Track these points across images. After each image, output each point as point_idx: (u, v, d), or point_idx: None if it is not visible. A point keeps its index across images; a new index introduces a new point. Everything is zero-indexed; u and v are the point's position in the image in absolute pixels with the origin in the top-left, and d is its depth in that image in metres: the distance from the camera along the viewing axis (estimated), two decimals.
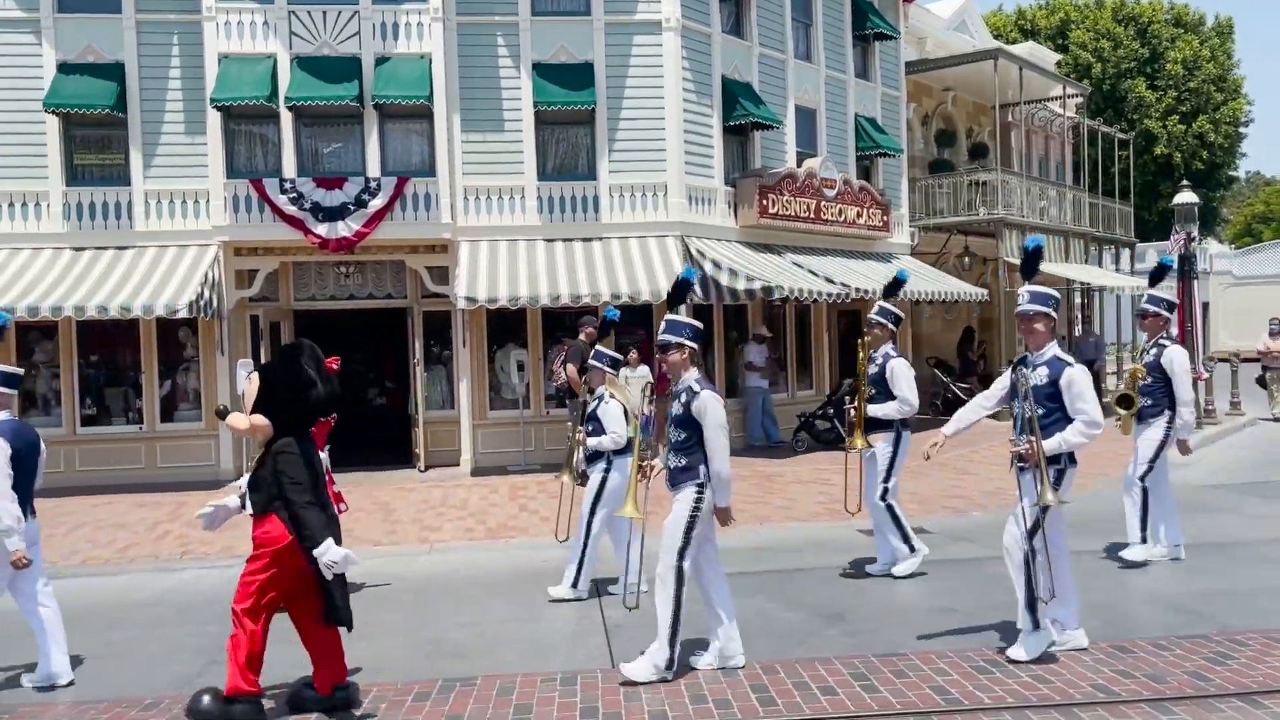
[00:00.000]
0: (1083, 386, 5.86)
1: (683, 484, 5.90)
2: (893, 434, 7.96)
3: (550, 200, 14.84)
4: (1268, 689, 5.25)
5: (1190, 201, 18.02)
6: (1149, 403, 8.02)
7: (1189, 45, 37.37)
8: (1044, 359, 6.00)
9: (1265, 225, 56.04)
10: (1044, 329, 6.03)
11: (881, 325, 7.99)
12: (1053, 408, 5.91)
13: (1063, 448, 5.85)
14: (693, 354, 6.09)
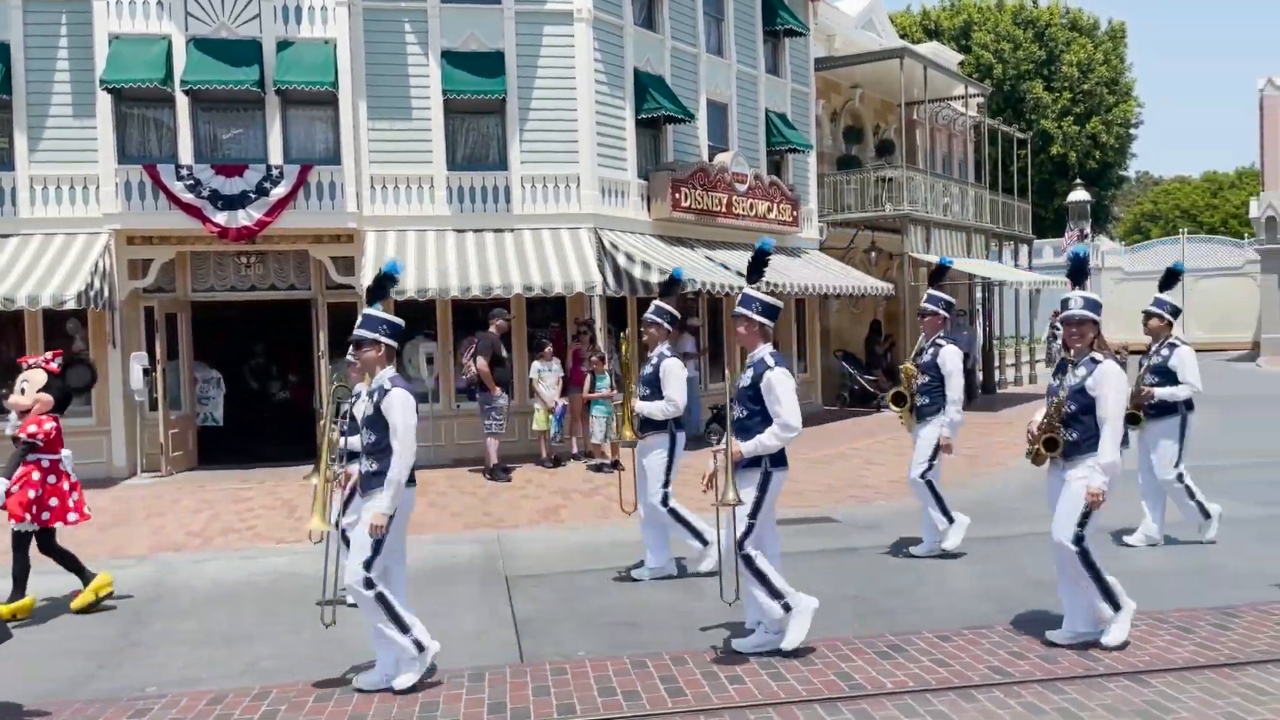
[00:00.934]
0: (781, 390, 5.77)
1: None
2: (666, 435, 7.66)
3: (460, 190, 14.63)
4: (1153, 668, 5.46)
5: (1083, 199, 18.74)
6: (926, 401, 8.13)
7: (1084, 49, 38.74)
8: (752, 361, 5.96)
9: (1153, 223, 58.53)
10: (747, 331, 5.99)
11: (658, 325, 7.74)
12: (754, 409, 5.86)
13: (759, 450, 5.80)
14: None
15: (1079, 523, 5.77)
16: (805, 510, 10.50)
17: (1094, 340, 5.83)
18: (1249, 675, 5.32)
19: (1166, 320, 8.37)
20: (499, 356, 12.84)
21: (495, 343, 12.81)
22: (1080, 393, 5.78)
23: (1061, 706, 5.01)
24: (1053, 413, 5.86)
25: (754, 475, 5.88)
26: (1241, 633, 6.02)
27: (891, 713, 5.02)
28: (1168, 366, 8.22)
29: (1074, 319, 5.83)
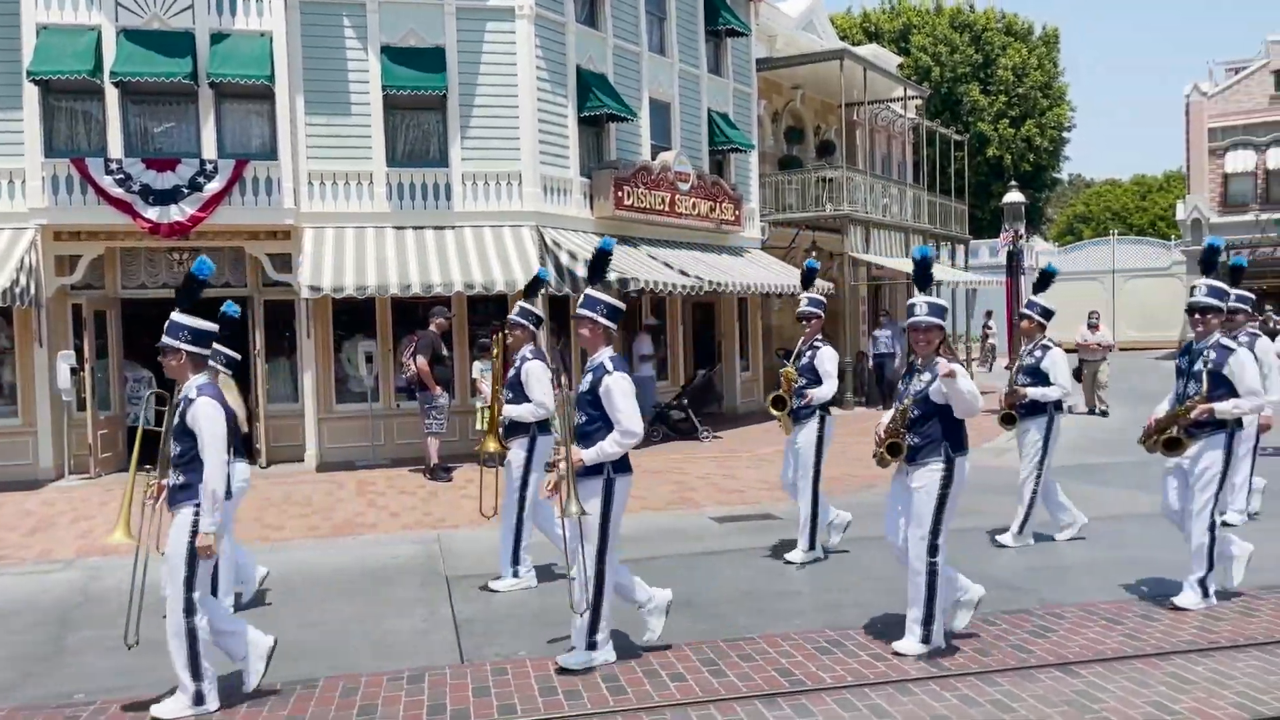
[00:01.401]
0: (620, 395, 5.55)
1: None
2: (527, 439, 7.46)
3: (400, 187, 14.47)
4: (1083, 659, 5.59)
5: (1018, 201, 19.08)
6: (801, 404, 8.06)
7: (1018, 53, 39.52)
8: (592, 365, 5.75)
9: (1085, 224, 59.94)
10: (591, 334, 5.79)
11: (522, 327, 7.64)
12: (594, 415, 5.63)
13: (601, 458, 5.54)
14: None
15: (932, 530, 5.70)
16: (746, 508, 10.57)
17: (940, 345, 5.74)
18: (1173, 664, 5.47)
19: (1038, 322, 8.46)
20: (439, 355, 12.72)
21: (435, 341, 12.69)
22: (925, 398, 5.70)
23: (995, 698, 5.10)
24: (897, 417, 5.79)
25: (596, 484, 5.62)
26: (1167, 623, 6.18)
27: (830, 707, 5.07)
28: (1040, 368, 8.29)
29: (920, 325, 5.71)
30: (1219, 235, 35.58)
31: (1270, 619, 6.18)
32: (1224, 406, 6.29)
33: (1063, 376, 8.25)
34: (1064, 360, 8.35)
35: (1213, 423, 6.34)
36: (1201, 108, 35.35)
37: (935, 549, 5.70)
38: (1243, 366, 6.27)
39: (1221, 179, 35.15)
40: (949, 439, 5.71)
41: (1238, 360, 6.29)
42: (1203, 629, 6.04)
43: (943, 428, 5.70)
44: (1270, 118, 34.33)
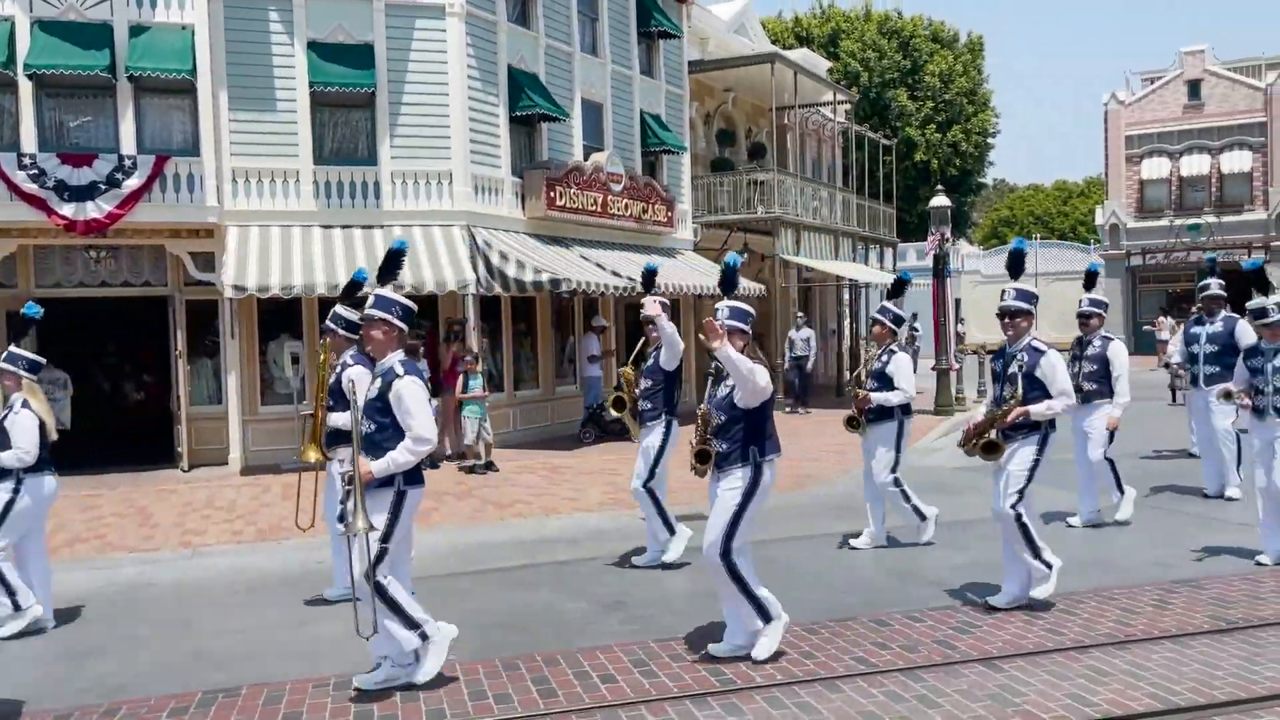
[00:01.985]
0: (411, 400, 5.24)
1: None
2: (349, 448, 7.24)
3: (328, 185, 14.23)
4: (1006, 653, 5.71)
5: (944, 205, 19.43)
6: (649, 407, 8.00)
7: (945, 60, 40.29)
8: (381, 370, 5.43)
9: (1009, 228, 61.40)
10: (384, 337, 5.44)
11: (332, 332, 7.28)
12: (384, 422, 5.30)
13: (391, 468, 5.24)
14: None
15: (726, 534, 5.65)
16: (680, 508, 10.57)
17: (744, 348, 5.64)
18: (1092, 657, 5.61)
19: (888, 328, 8.46)
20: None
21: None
22: (729, 404, 5.66)
23: (920, 694, 5.18)
24: (700, 425, 5.71)
25: (386, 496, 5.31)
26: (1086, 617, 6.34)
27: (760, 706, 5.10)
28: (885, 372, 8.32)
29: (730, 329, 5.64)
30: (1135, 239, 36.87)
31: (1183, 612, 6.38)
32: (1038, 409, 6.36)
33: (906, 381, 8.27)
34: (908, 365, 8.42)
35: (1028, 425, 6.43)
36: (1119, 116, 36.48)
37: (729, 551, 5.68)
38: (1054, 368, 6.36)
39: (1138, 185, 36.32)
40: (755, 443, 5.66)
41: (1049, 362, 6.38)
42: (1119, 623, 6.20)
43: (747, 432, 5.64)
44: (1183, 126, 35.57)
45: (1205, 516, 9.35)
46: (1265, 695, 4.97)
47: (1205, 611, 6.36)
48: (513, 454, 14.05)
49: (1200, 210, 35.15)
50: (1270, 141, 34.20)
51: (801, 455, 13.87)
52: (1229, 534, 8.53)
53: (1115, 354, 9.00)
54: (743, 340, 5.72)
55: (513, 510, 10.56)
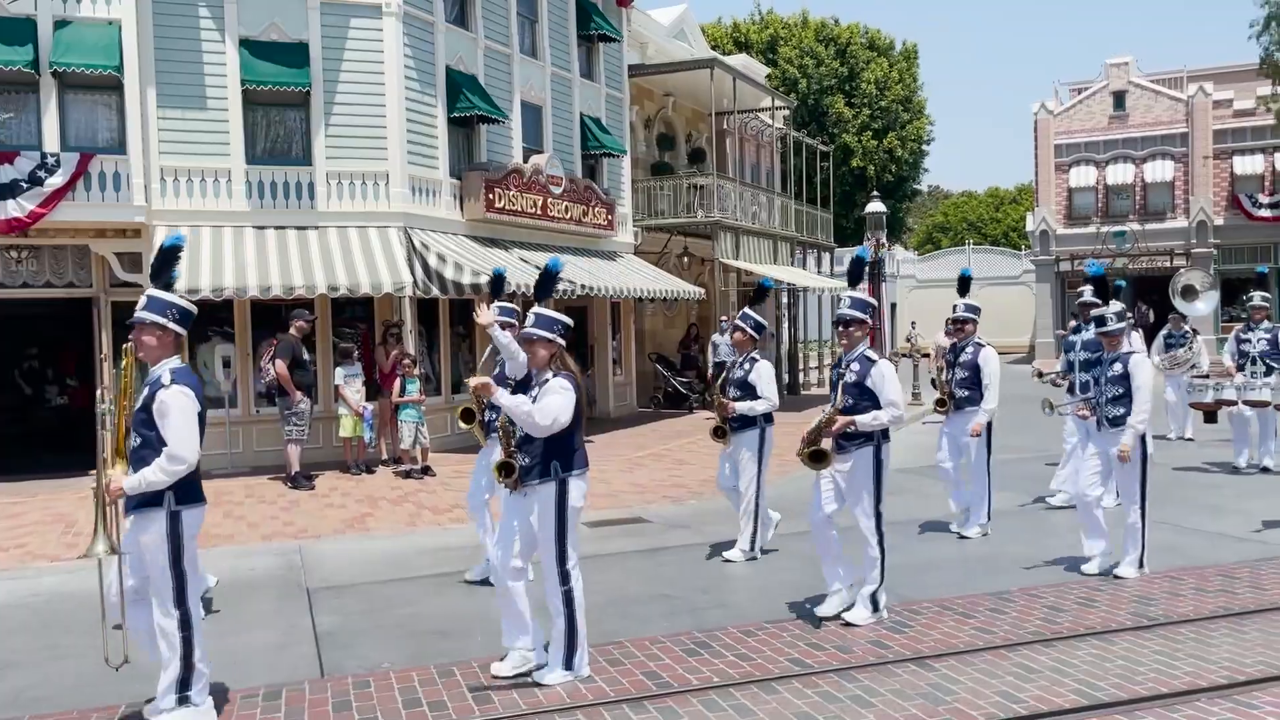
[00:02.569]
0: (175, 413, 4.88)
1: None
2: None
3: (260, 185, 13.97)
4: (938, 652, 5.80)
5: (879, 211, 19.75)
6: (494, 416, 7.45)
7: (880, 67, 40.92)
8: (150, 379, 5.04)
9: (944, 234, 62.59)
10: (158, 343, 5.09)
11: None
12: (149, 436, 4.92)
13: (142, 487, 4.86)
14: None
15: (560, 557, 5.52)
16: (618, 511, 10.58)
17: (552, 358, 5.56)
18: (1021, 655, 5.72)
19: (749, 335, 8.29)
20: (300, 360, 12.31)
21: (296, 345, 12.27)
22: None
23: (855, 694, 5.23)
24: (503, 438, 5.63)
25: (158, 518, 4.90)
26: (1015, 615, 6.47)
27: (696, 709, 5.11)
28: (748, 380, 8.17)
29: (530, 337, 5.55)
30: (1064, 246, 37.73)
31: (1107, 610, 6.54)
32: (865, 419, 6.25)
33: (769, 389, 8.12)
34: (770, 372, 8.23)
35: (859, 435, 6.33)
36: (1048, 125, 37.34)
37: (567, 575, 5.53)
38: (883, 378, 6.28)
39: (1066, 193, 37.19)
40: (558, 458, 5.44)
41: (879, 372, 6.29)
42: (1047, 621, 6.34)
43: (547, 447, 5.41)
44: (1109, 136, 36.51)
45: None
46: (1183, 690, 5.11)
47: (1128, 609, 6.53)
48: (451, 458, 13.92)
49: (1125, 218, 36.12)
50: (1191, 152, 35.28)
51: None
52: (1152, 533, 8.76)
53: (986, 360, 8.89)
54: (549, 350, 5.54)
55: (450, 515, 10.46)
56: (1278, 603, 6.53)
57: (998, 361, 9.01)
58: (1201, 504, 9.89)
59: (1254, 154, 34.57)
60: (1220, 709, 4.90)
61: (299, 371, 12.23)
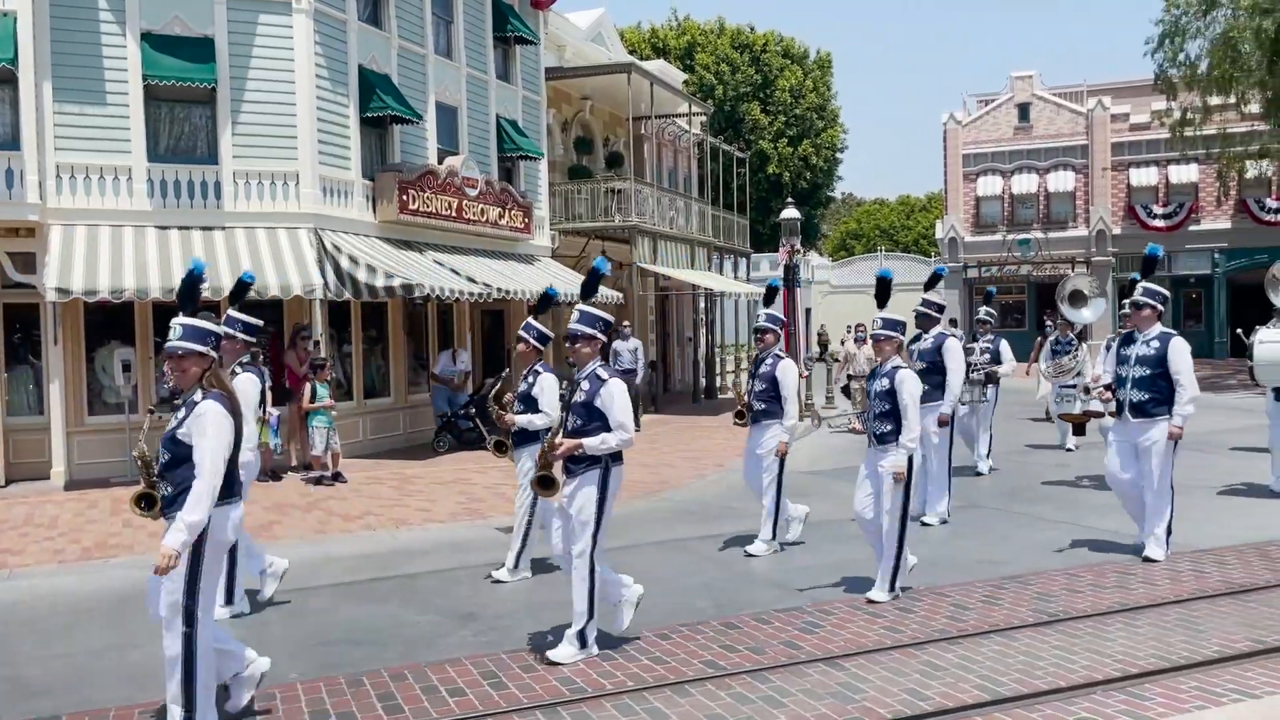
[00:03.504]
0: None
1: None
2: None
3: (164, 184, 13.54)
4: (848, 652, 5.89)
5: (794, 217, 20.03)
6: None
7: (795, 75, 41.52)
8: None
9: (857, 241, 63.84)
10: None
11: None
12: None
13: None
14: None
15: None
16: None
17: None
18: (927, 653, 5.85)
19: (533, 346, 7.77)
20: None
21: None
22: None
23: (767, 694, 5.29)
24: None
25: None
26: (922, 614, 6.61)
27: (610, 713, 5.11)
28: (531, 394, 7.74)
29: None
30: (972, 253, 38.78)
31: (1010, 607, 6.73)
32: (592, 442, 5.80)
33: (551, 404, 7.57)
34: (554, 387, 7.66)
35: (587, 458, 5.89)
36: (957, 135, 38.38)
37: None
38: (612, 398, 5.82)
39: (974, 201, 38.28)
40: None
41: (609, 391, 5.83)
42: (952, 619, 6.49)
43: None
44: (1014, 146, 37.71)
45: (1030, 515, 9.89)
46: (1080, 684, 5.29)
47: (1030, 606, 6.73)
48: (362, 464, 13.67)
49: (1030, 226, 37.32)
50: (1091, 163, 36.64)
51: (657, 462, 14.00)
52: (1053, 532, 9.05)
53: (784, 373, 8.47)
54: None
55: (362, 522, 10.27)
56: (1169, 597, 6.80)
57: (795, 373, 8.64)
58: (1095, 504, 10.24)
59: (1149, 166, 36.06)
60: (1115, 701, 5.07)
61: None
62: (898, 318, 7.09)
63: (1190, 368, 7.78)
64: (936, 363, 9.57)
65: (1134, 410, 7.90)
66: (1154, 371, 7.82)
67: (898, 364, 7.03)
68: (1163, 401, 7.77)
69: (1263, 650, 5.70)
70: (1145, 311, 7.93)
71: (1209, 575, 7.37)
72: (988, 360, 12.20)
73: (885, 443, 6.94)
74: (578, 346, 6.01)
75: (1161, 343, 7.87)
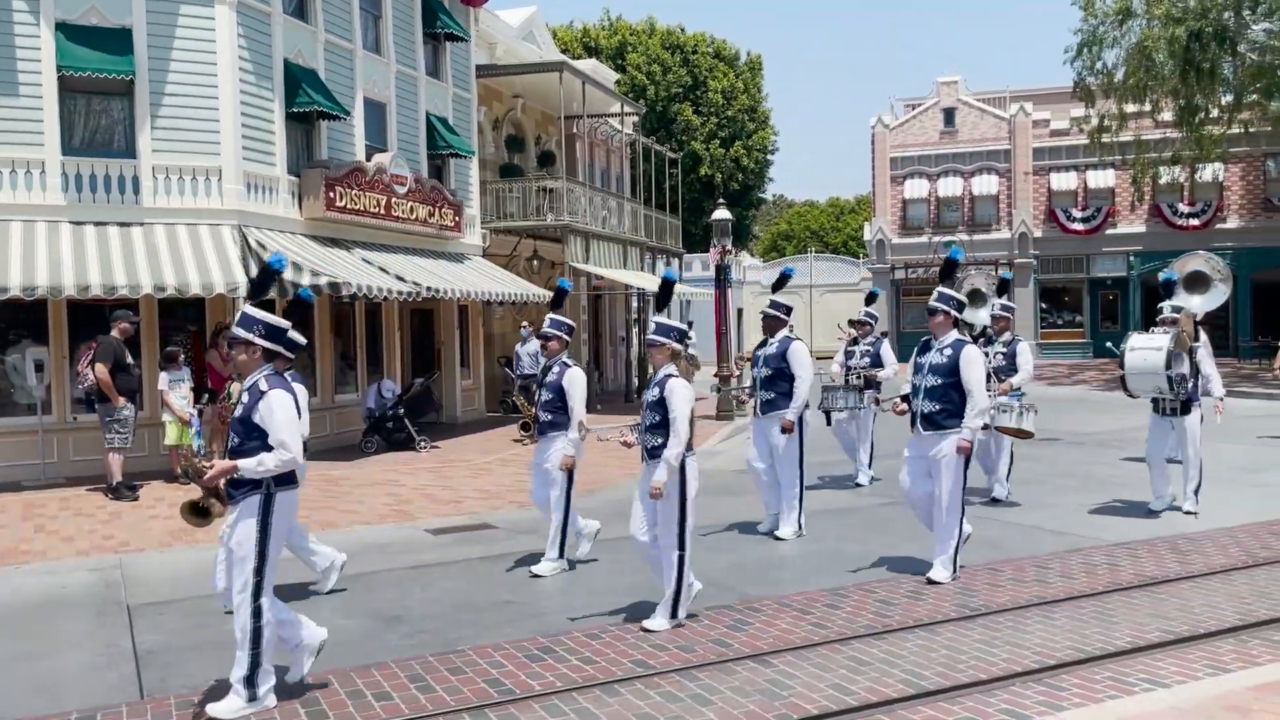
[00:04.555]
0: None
1: None
2: None
3: (79, 178, 13.12)
4: (776, 649, 5.94)
5: (725, 218, 20.14)
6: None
7: (727, 77, 41.83)
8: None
9: (788, 242, 64.50)
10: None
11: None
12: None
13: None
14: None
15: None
16: (463, 518, 10.44)
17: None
18: (853, 648, 5.93)
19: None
20: (122, 363, 11.59)
21: (118, 347, 11.56)
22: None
23: (695, 692, 5.31)
24: None
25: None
26: (849, 611, 6.70)
27: (539, 714, 5.08)
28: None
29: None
30: (899, 255, 39.45)
31: (934, 601, 6.86)
32: (248, 464, 5.14)
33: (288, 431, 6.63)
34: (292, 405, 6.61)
35: (248, 482, 5.24)
36: (884, 139, 39.04)
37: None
38: (271, 412, 5.19)
39: (901, 204, 38.99)
40: None
41: (268, 405, 5.20)
42: (878, 614, 6.59)
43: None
44: (940, 150, 38.49)
45: None
46: (1000, 675, 5.41)
47: (952, 600, 6.87)
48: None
49: (955, 228, 38.13)
50: (1013, 168, 37.55)
51: (588, 462, 13.94)
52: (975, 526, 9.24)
53: (571, 383, 7.93)
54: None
55: None
56: (1085, 590, 7.00)
57: (583, 383, 8.07)
58: (1015, 497, 10.49)
59: (1068, 171, 37.11)
60: (1032, 692, 5.20)
61: (122, 375, 11.53)
62: (673, 324, 6.61)
63: (982, 378, 7.25)
64: (783, 369, 8.87)
65: (925, 422, 7.37)
66: (946, 381, 7.29)
67: (670, 372, 6.48)
68: (955, 413, 7.25)
69: (1173, 640, 5.89)
70: (939, 318, 7.45)
71: (1123, 568, 7.60)
72: (867, 364, 11.37)
73: (656, 456, 6.39)
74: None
75: (954, 350, 7.32)
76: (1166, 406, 9.52)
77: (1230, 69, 25.75)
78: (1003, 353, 10.37)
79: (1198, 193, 35.26)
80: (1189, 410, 9.48)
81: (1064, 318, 38.59)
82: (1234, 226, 35.23)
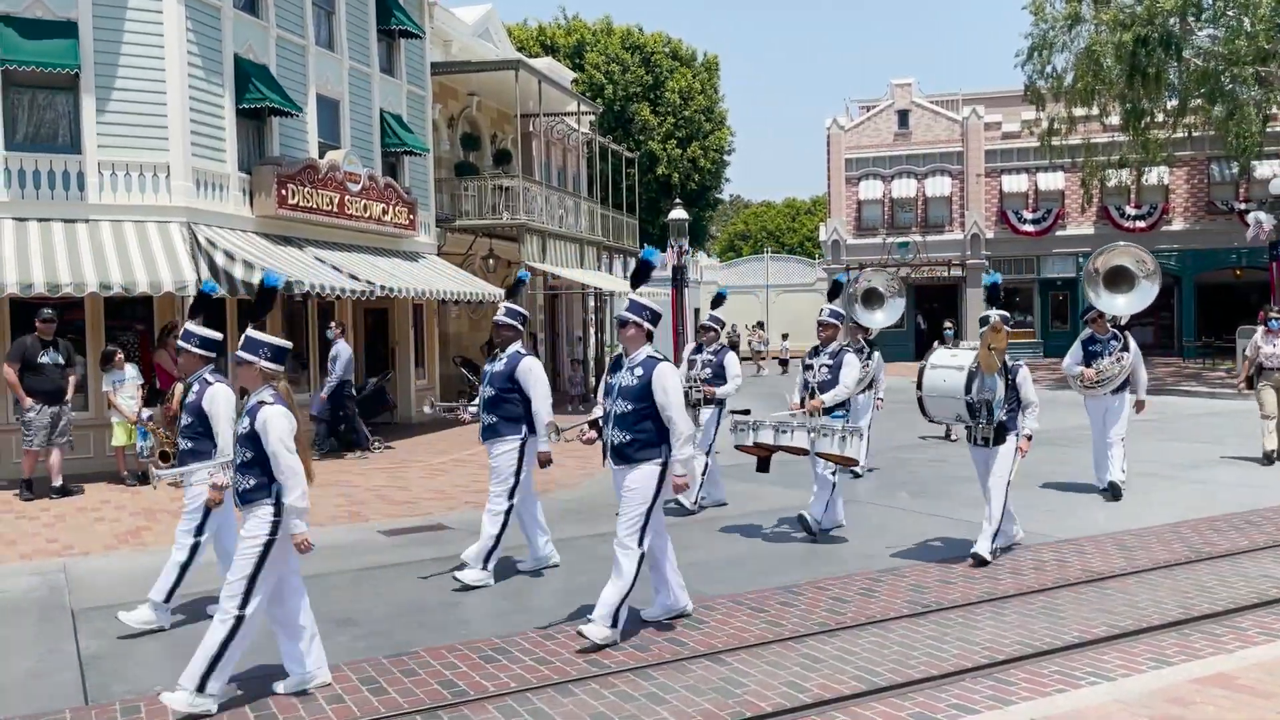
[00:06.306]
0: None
1: None
2: None
3: (21, 174, 12.83)
4: (730, 646, 5.96)
5: (682, 218, 20.24)
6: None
7: (684, 77, 41.92)
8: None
9: (744, 242, 64.85)
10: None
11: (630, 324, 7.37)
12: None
13: None
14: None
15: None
16: (417, 519, 10.35)
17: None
18: (807, 645, 5.97)
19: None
20: (33, 363, 11.28)
21: (31, 346, 11.29)
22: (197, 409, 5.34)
23: (650, 691, 5.31)
24: None
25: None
26: (803, 608, 6.75)
27: (492, 715, 5.05)
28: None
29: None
30: (854, 255, 39.77)
31: (886, 598, 6.92)
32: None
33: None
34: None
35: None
36: (840, 140, 39.35)
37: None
38: None
39: (856, 205, 39.32)
40: None
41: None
42: (831, 611, 6.64)
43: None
44: (894, 152, 38.88)
45: (906, 510, 10.20)
46: (951, 671, 5.47)
47: (905, 597, 6.94)
48: None
49: (909, 230, 38.55)
50: (966, 170, 38.05)
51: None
52: (927, 524, 9.35)
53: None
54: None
55: None
56: (1034, 586, 7.10)
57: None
58: (966, 497, 10.62)
59: (1020, 173, 37.67)
60: (982, 687, 5.27)
61: (32, 375, 11.24)
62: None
63: (681, 402, 6.14)
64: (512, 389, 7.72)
65: (614, 455, 6.25)
66: (638, 407, 6.13)
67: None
68: (648, 444, 6.11)
69: (1118, 635, 6.01)
70: (630, 330, 6.28)
71: (1070, 564, 7.73)
72: (709, 374, 10.10)
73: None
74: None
75: (645, 370, 6.14)
76: (978, 435, 7.81)
77: (1175, 74, 26.28)
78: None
79: (1144, 195, 35.97)
80: (1002, 439, 7.79)
81: (1015, 318, 39.17)
82: (1179, 228, 36.00)
